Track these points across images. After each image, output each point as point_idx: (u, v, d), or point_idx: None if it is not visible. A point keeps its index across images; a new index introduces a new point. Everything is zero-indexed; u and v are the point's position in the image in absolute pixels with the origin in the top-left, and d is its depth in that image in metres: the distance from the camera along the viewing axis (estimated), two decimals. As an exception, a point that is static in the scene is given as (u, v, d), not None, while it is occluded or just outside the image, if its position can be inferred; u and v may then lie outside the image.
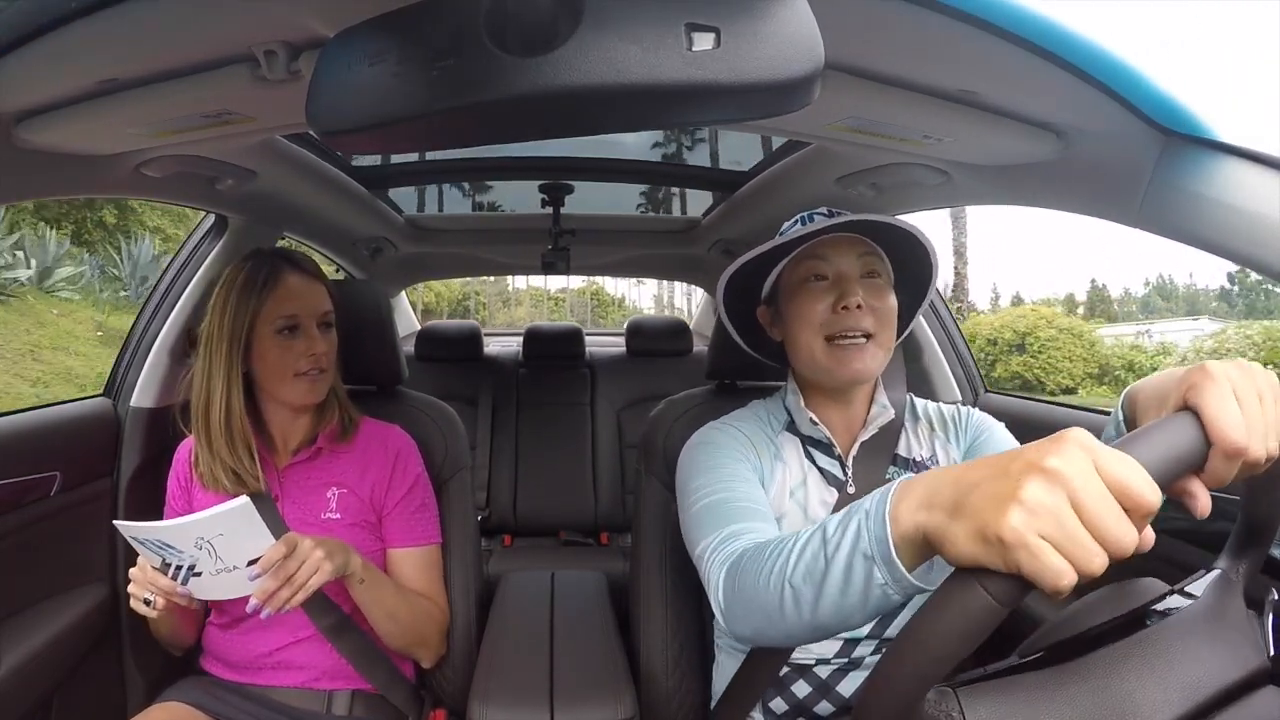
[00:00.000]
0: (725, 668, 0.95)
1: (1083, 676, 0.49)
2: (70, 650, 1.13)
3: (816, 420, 0.90)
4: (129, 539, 0.83)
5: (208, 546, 0.80)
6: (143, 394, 1.32)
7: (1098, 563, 0.39)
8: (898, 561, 0.49)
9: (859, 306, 0.83)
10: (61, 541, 1.17)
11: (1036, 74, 0.68)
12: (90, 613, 1.17)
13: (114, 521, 0.84)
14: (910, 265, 0.92)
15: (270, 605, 0.83)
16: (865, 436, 0.90)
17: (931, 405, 0.98)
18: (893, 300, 0.87)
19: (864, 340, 0.84)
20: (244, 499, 0.78)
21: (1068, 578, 0.39)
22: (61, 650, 1.10)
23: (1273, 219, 0.66)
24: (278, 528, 0.98)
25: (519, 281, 22.31)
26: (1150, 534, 0.41)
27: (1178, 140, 0.73)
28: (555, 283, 22.69)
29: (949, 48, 0.68)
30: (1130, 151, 0.77)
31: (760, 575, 0.63)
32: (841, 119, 0.87)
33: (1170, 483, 0.44)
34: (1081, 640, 0.54)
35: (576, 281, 22.22)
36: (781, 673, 0.89)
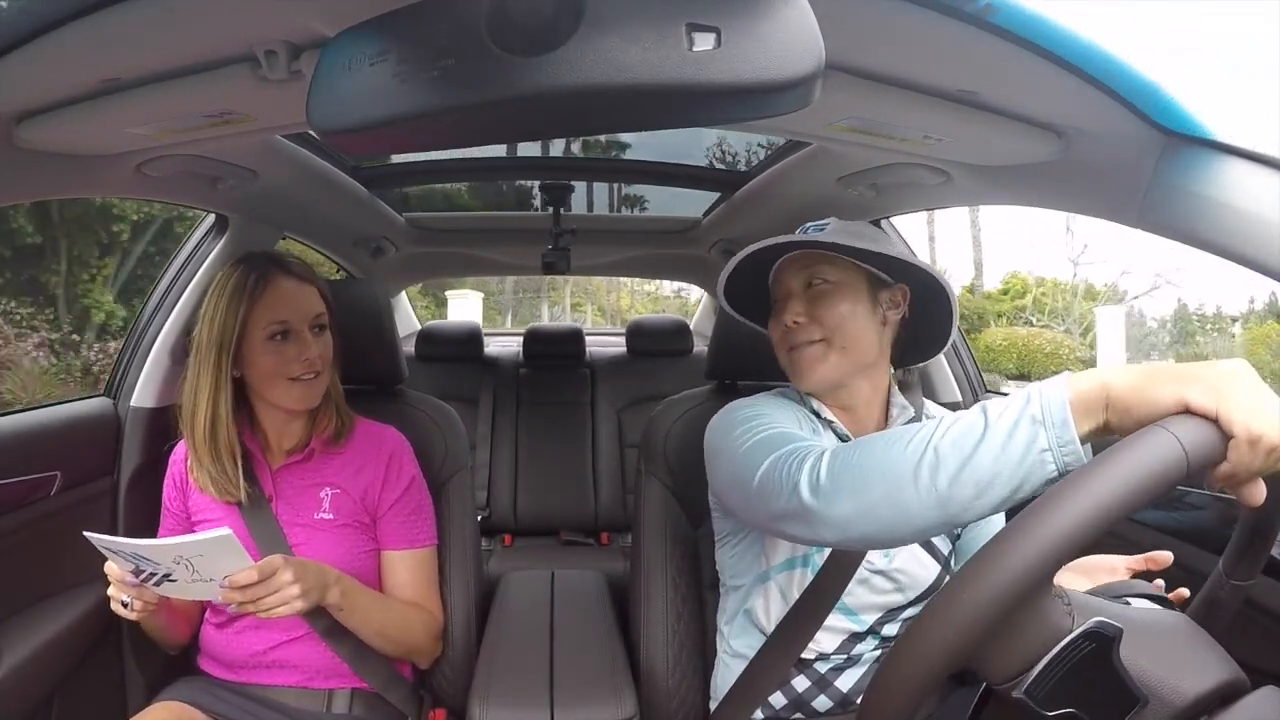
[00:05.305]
0: (731, 668, 0.95)
1: None
2: (70, 650, 1.13)
3: (834, 419, 0.90)
4: (101, 549, 0.80)
5: (185, 563, 0.78)
6: (143, 394, 1.32)
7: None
8: (1071, 422, 0.51)
9: (795, 322, 0.85)
10: (62, 541, 1.17)
11: (1037, 74, 0.68)
12: (90, 612, 1.17)
13: (85, 533, 0.80)
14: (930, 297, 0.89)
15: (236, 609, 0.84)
16: None
17: None
18: (845, 306, 0.85)
19: (817, 347, 0.85)
20: (226, 530, 0.76)
21: (1259, 426, 0.44)
22: (62, 650, 1.10)
23: (1273, 219, 0.66)
24: (272, 530, 0.99)
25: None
26: None
27: (1178, 140, 0.73)
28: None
29: (949, 48, 0.68)
30: (1131, 152, 0.76)
31: (892, 445, 0.61)
32: (842, 119, 0.87)
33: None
34: None
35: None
36: None
